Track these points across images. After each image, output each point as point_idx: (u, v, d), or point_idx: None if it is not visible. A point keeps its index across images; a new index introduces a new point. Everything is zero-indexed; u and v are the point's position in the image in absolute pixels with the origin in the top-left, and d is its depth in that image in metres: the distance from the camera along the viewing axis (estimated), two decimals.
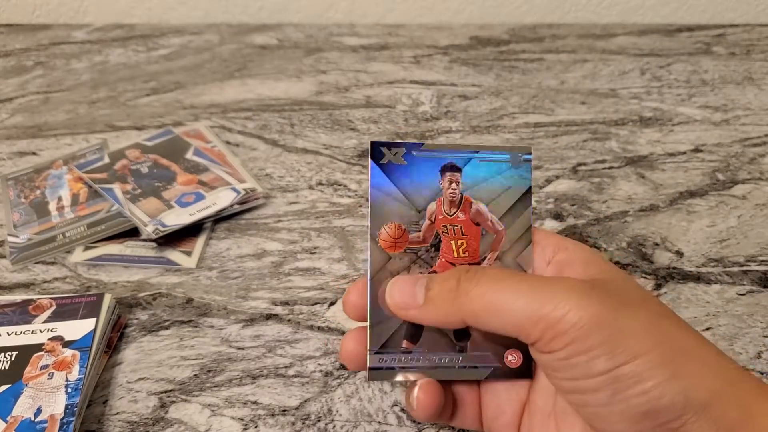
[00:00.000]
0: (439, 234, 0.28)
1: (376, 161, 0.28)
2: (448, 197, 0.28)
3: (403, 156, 0.28)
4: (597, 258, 0.26)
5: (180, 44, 0.73)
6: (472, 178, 0.28)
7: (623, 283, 0.25)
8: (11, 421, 0.32)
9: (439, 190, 0.28)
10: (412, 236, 0.28)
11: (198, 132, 0.56)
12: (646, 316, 0.23)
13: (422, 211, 0.28)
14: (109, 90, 0.64)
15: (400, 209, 0.28)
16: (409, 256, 0.28)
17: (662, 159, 0.53)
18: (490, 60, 0.70)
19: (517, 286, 0.24)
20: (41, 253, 0.44)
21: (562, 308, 0.22)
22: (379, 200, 0.27)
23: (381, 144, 0.28)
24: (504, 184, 0.28)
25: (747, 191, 0.50)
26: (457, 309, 0.24)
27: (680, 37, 0.74)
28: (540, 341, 0.23)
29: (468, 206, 0.28)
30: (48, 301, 0.39)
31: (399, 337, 0.27)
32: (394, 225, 0.28)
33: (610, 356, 0.22)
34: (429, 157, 0.28)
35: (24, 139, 0.57)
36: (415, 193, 0.28)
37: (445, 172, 0.28)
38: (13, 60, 0.70)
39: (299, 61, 0.70)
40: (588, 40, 0.73)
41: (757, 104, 0.61)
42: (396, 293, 0.26)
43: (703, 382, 0.22)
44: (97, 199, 0.48)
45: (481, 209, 0.28)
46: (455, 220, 0.28)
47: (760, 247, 0.44)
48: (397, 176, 0.28)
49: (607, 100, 0.62)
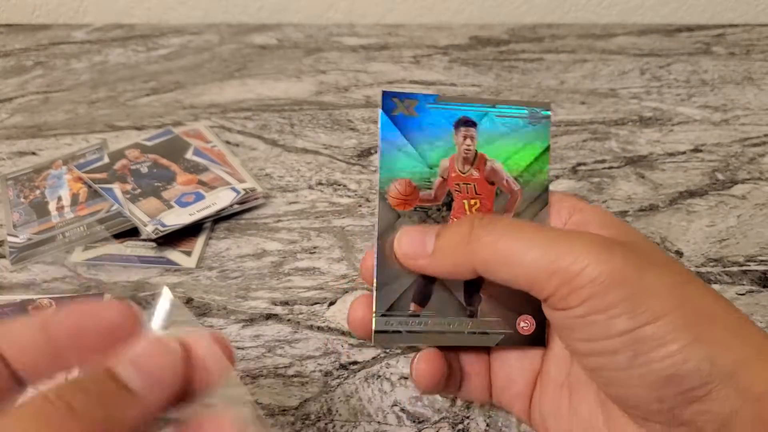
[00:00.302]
0: (452, 192, 0.26)
1: (387, 112, 0.26)
2: (462, 154, 0.26)
3: (416, 108, 0.26)
4: (616, 220, 0.25)
5: (180, 44, 0.73)
6: (487, 134, 0.26)
7: (646, 244, 0.23)
8: None
9: (453, 145, 0.26)
10: (423, 194, 0.26)
11: (198, 132, 0.56)
12: (671, 277, 0.21)
13: (434, 168, 0.26)
14: (108, 90, 0.64)
15: (411, 164, 0.26)
16: (419, 214, 0.26)
17: (662, 159, 0.53)
18: (490, 60, 0.70)
19: (533, 236, 0.22)
20: (41, 253, 0.44)
21: (582, 261, 0.21)
22: (389, 154, 0.26)
23: (393, 94, 0.26)
24: (521, 142, 0.26)
25: (747, 191, 0.50)
26: (467, 256, 0.23)
27: (680, 37, 0.74)
28: (554, 296, 0.22)
29: (483, 164, 0.26)
30: (48, 301, 0.39)
31: (407, 300, 0.26)
32: (405, 181, 0.26)
33: (631, 315, 0.20)
34: (443, 110, 0.26)
35: (23, 139, 0.57)
36: (428, 148, 0.26)
37: (459, 126, 0.26)
38: (13, 60, 0.70)
39: (299, 61, 0.70)
40: (588, 40, 0.73)
41: (757, 104, 0.61)
42: (405, 242, 0.25)
43: (729, 349, 0.20)
44: (96, 199, 0.48)
45: (496, 167, 0.26)
46: (469, 178, 0.26)
47: (759, 247, 0.45)
48: (409, 129, 0.26)
49: (607, 100, 0.62)
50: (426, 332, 0.26)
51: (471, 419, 0.34)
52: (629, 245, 0.22)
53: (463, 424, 0.34)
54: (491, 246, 0.22)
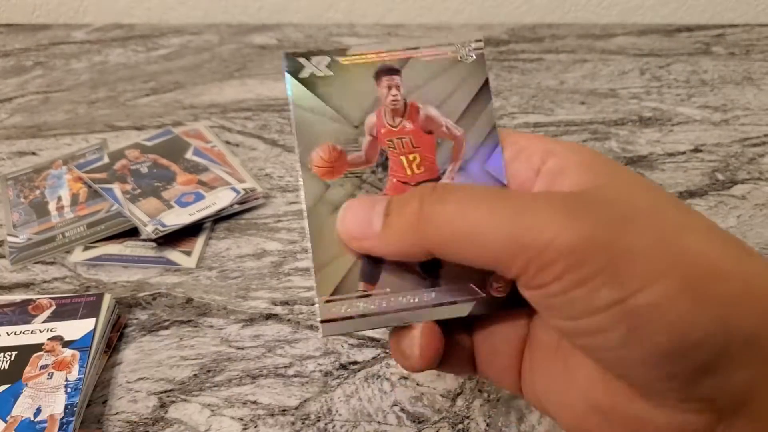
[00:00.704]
0: (385, 150, 0.23)
1: (295, 75, 0.23)
2: (389, 105, 0.23)
3: (327, 65, 0.23)
4: (596, 158, 0.21)
5: (180, 44, 0.73)
6: (415, 80, 0.23)
7: (631, 188, 0.20)
8: (11, 421, 0.32)
9: (377, 99, 0.23)
10: (352, 157, 0.23)
11: (198, 132, 0.56)
12: (659, 230, 0.18)
13: (360, 126, 0.23)
14: (108, 90, 0.64)
15: (333, 127, 0.23)
16: (352, 181, 0.23)
17: (662, 159, 0.53)
18: (490, 60, 0.70)
19: (491, 208, 0.19)
20: (41, 253, 0.44)
21: (549, 232, 0.18)
22: (305, 120, 0.23)
23: (298, 54, 0.23)
24: (454, 81, 0.24)
25: (746, 191, 0.50)
26: (420, 238, 0.20)
27: (680, 37, 0.74)
28: (524, 275, 0.19)
29: (415, 112, 0.23)
30: (47, 301, 0.39)
31: (354, 279, 0.22)
32: (329, 146, 0.23)
33: (615, 284, 0.17)
34: (359, 63, 0.23)
35: (23, 139, 0.57)
36: (349, 105, 0.23)
37: (380, 76, 0.23)
38: (13, 60, 0.70)
39: None
40: (587, 40, 0.73)
41: (757, 104, 0.61)
42: (349, 220, 0.21)
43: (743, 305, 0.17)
44: (96, 199, 0.48)
45: (431, 113, 0.23)
46: (402, 131, 0.23)
47: (759, 247, 0.45)
48: (324, 90, 0.23)
49: (607, 100, 0.62)
50: (382, 313, 0.22)
51: (471, 419, 0.34)
52: (607, 195, 0.19)
53: (463, 424, 0.34)
54: (446, 226, 0.19)
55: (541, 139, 0.23)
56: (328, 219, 0.22)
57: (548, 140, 0.22)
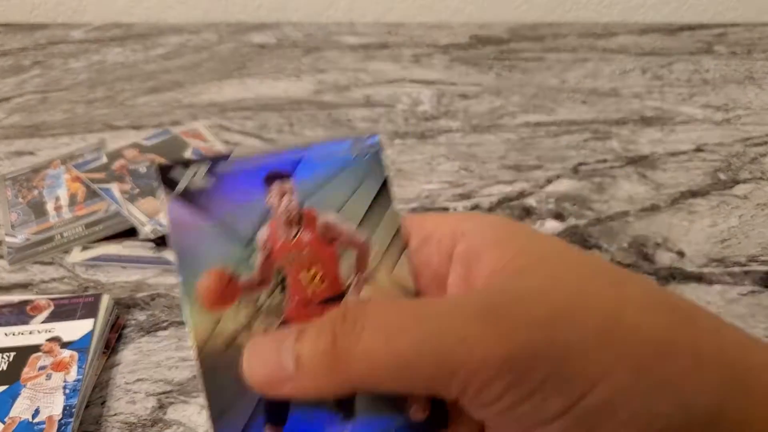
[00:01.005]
0: (282, 268, 0.21)
1: (170, 190, 0.20)
2: (282, 216, 0.21)
3: (208, 174, 0.20)
4: (510, 233, 0.19)
5: (178, 43, 0.73)
6: (309, 184, 0.21)
7: (554, 267, 0.18)
8: (9, 422, 0.32)
9: (269, 209, 0.21)
10: (244, 281, 0.20)
11: (196, 131, 0.56)
12: (596, 314, 0.17)
13: (251, 244, 0.21)
14: (107, 89, 0.64)
15: (220, 248, 0.20)
16: (246, 308, 0.20)
17: (663, 158, 0.53)
18: (491, 59, 0.69)
19: (411, 330, 0.17)
20: (39, 254, 0.44)
21: (478, 349, 0.16)
22: (186, 242, 0.20)
23: (172, 166, 0.20)
24: (353, 183, 0.22)
25: (748, 191, 0.50)
26: (339, 377, 0.17)
27: (681, 36, 0.74)
28: (464, 397, 0.17)
29: (312, 221, 0.21)
30: (46, 302, 0.39)
31: (258, 423, 0.20)
32: (216, 272, 0.20)
33: (563, 390, 0.16)
34: (244, 168, 0.21)
35: (21, 138, 0.57)
36: (236, 221, 0.20)
37: (270, 182, 0.21)
38: (11, 59, 0.70)
39: (298, 60, 0.69)
40: (589, 39, 0.73)
41: (759, 104, 0.61)
42: (255, 365, 0.18)
43: (699, 382, 0.16)
44: (95, 199, 0.48)
45: (330, 221, 0.21)
46: (299, 243, 0.21)
47: (761, 247, 0.44)
48: (206, 203, 0.20)
49: (608, 99, 0.62)
50: None
51: None
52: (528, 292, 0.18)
53: None
54: (366, 360, 0.17)
55: (449, 219, 0.21)
56: (223, 356, 0.19)
57: (457, 219, 0.21)
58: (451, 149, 0.55)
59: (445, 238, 0.20)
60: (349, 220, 0.21)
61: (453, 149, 0.55)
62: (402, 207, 0.48)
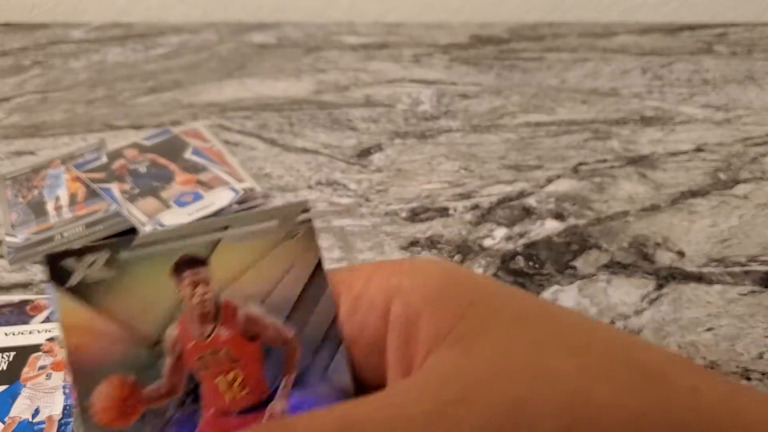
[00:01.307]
0: (195, 373, 0.17)
1: (61, 284, 0.16)
2: (195, 309, 0.17)
3: (107, 264, 0.17)
4: (450, 289, 0.17)
5: (178, 43, 0.73)
6: (228, 270, 0.18)
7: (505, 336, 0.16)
8: (9, 422, 0.32)
9: (179, 302, 0.17)
10: (150, 389, 0.17)
11: (196, 131, 0.56)
12: (564, 395, 0.15)
13: (158, 345, 0.17)
14: (107, 89, 0.64)
15: (120, 351, 0.17)
16: (152, 423, 0.17)
17: (664, 158, 0.53)
18: (491, 59, 0.69)
19: None
20: (39, 253, 0.44)
21: None
22: (80, 346, 0.17)
23: (64, 255, 0.17)
24: (280, 267, 0.18)
25: (749, 191, 0.50)
26: None
27: (682, 36, 0.74)
28: None
29: (232, 314, 0.18)
30: (46, 302, 0.39)
31: None
32: (116, 380, 0.17)
33: None
34: (150, 254, 0.17)
35: (21, 138, 0.57)
36: (140, 318, 0.17)
37: (181, 271, 0.17)
38: (11, 59, 0.70)
39: (298, 60, 0.69)
40: (589, 39, 0.73)
41: (759, 104, 0.61)
42: None
43: None
44: (95, 198, 0.48)
45: (253, 313, 0.18)
46: (216, 342, 0.18)
47: (762, 247, 0.44)
48: (104, 299, 0.17)
49: (608, 99, 0.62)
50: None
51: None
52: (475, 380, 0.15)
53: None
54: None
55: (382, 272, 0.18)
56: None
57: (390, 270, 0.18)
58: (451, 149, 0.55)
59: (378, 297, 0.17)
60: (275, 312, 0.18)
61: (453, 149, 0.55)
62: (402, 207, 0.48)
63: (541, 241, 0.44)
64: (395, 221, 0.46)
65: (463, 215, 0.47)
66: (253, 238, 0.18)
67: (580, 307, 0.39)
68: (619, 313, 0.39)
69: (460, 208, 0.48)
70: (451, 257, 0.43)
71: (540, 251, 0.44)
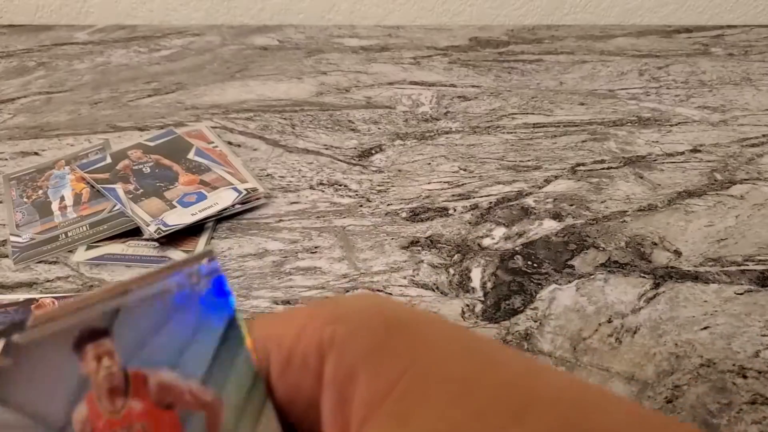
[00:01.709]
0: None
1: None
2: (102, 385, 0.16)
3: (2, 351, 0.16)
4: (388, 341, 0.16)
5: (182, 45, 0.73)
6: (133, 337, 0.17)
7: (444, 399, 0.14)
8: None
9: (84, 379, 0.16)
10: None
11: (199, 132, 0.57)
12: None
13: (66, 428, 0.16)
14: (111, 90, 0.65)
15: None
16: None
17: (660, 159, 0.54)
18: (490, 61, 0.70)
19: None
20: (43, 253, 0.45)
21: None
22: None
23: None
24: (190, 324, 0.17)
25: (745, 191, 0.50)
26: None
27: (678, 38, 0.74)
28: None
29: (143, 384, 0.17)
30: (50, 301, 0.39)
31: None
32: None
33: None
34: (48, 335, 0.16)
35: (26, 139, 0.57)
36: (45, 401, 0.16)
37: (82, 345, 0.16)
38: (16, 61, 0.71)
39: (300, 62, 0.70)
40: (587, 42, 0.74)
41: (755, 105, 0.61)
42: None
43: None
44: (99, 199, 0.49)
45: (165, 380, 0.17)
46: (129, 417, 0.16)
47: (757, 246, 0.45)
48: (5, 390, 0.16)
49: (606, 100, 0.62)
50: None
51: None
52: None
53: None
54: None
55: (314, 324, 0.16)
56: None
57: (323, 321, 0.16)
58: (451, 150, 0.55)
59: (311, 354, 0.16)
60: (190, 376, 0.16)
61: (453, 150, 0.55)
62: (402, 207, 0.48)
63: (540, 240, 0.45)
64: (395, 221, 0.47)
65: (462, 215, 0.47)
66: (157, 301, 0.17)
67: (578, 306, 0.40)
68: (617, 311, 0.39)
69: (459, 208, 0.48)
70: (450, 256, 0.44)
71: (538, 250, 0.44)
